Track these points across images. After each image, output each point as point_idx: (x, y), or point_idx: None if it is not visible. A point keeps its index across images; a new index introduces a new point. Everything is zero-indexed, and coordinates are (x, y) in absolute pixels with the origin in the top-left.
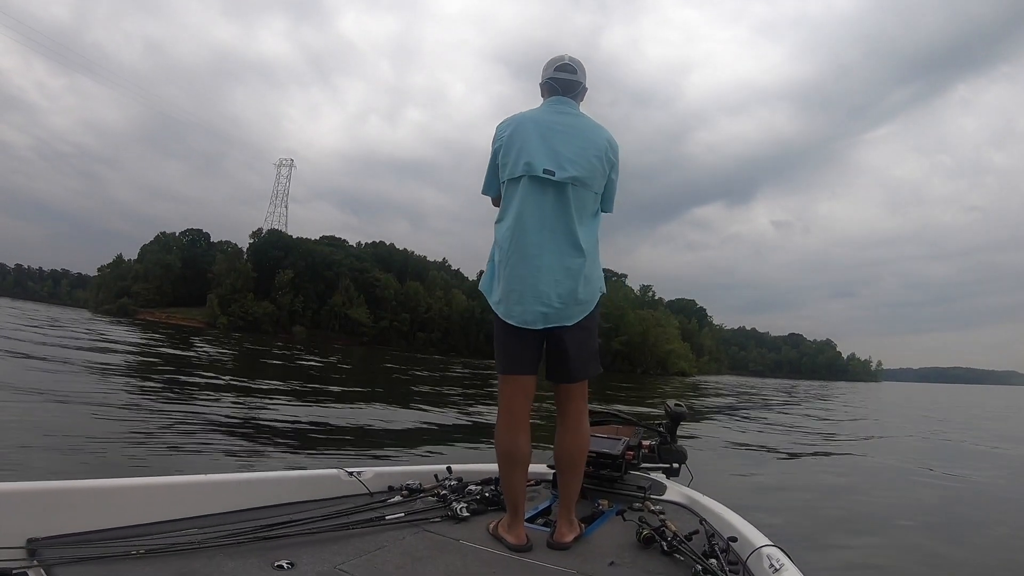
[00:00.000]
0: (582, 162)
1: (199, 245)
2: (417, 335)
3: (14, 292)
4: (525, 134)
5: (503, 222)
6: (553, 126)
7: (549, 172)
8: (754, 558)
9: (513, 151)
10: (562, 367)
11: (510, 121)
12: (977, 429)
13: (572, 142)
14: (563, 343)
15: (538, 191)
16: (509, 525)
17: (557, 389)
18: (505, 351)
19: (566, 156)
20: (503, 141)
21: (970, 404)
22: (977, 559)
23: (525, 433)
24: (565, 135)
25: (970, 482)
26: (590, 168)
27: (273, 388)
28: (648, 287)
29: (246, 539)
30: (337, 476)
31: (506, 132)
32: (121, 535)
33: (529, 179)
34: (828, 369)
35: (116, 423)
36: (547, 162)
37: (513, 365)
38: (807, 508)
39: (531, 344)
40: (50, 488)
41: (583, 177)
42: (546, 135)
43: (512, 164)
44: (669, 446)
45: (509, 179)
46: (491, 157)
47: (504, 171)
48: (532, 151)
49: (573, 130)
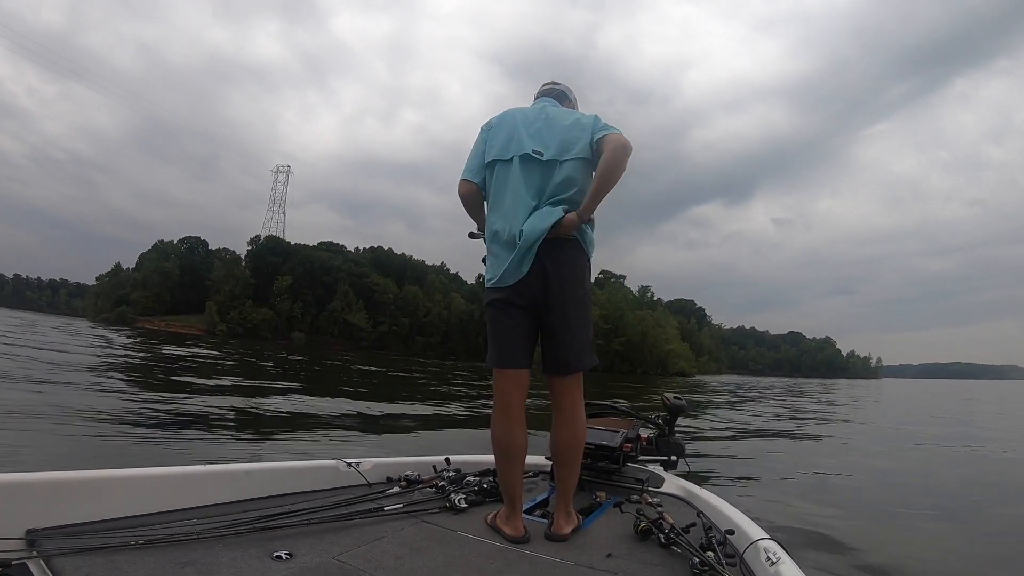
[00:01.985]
0: (566, 138)
1: (197, 252)
2: (416, 339)
3: (12, 302)
4: (512, 123)
5: (490, 199)
6: (538, 115)
7: (538, 152)
8: (751, 551)
9: (501, 136)
10: (555, 358)
11: (498, 115)
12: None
13: (554, 124)
14: (554, 330)
15: (529, 169)
16: (507, 517)
17: (551, 382)
18: (497, 342)
19: (550, 136)
20: (492, 127)
21: (976, 399)
22: (977, 551)
23: (520, 426)
24: (548, 119)
25: (979, 473)
26: (574, 142)
27: (271, 384)
28: (647, 287)
29: (245, 529)
30: (336, 467)
31: (494, 120)
32: (120, 526)
33: (520, 159)
34: (827, 367)
35: (115, 417)
36: (535, 144)
37: (504, 358)
38: (805, 502)
39: (521, 331)
40: (49, 479)
41: (569, 150)
42: (531, 122)
43: (500, 147)
44: (667, 439)
45: (498, 160)
46: (477, 142)
47: (492, 152)
48: (520, 136)
49: (556, 116)
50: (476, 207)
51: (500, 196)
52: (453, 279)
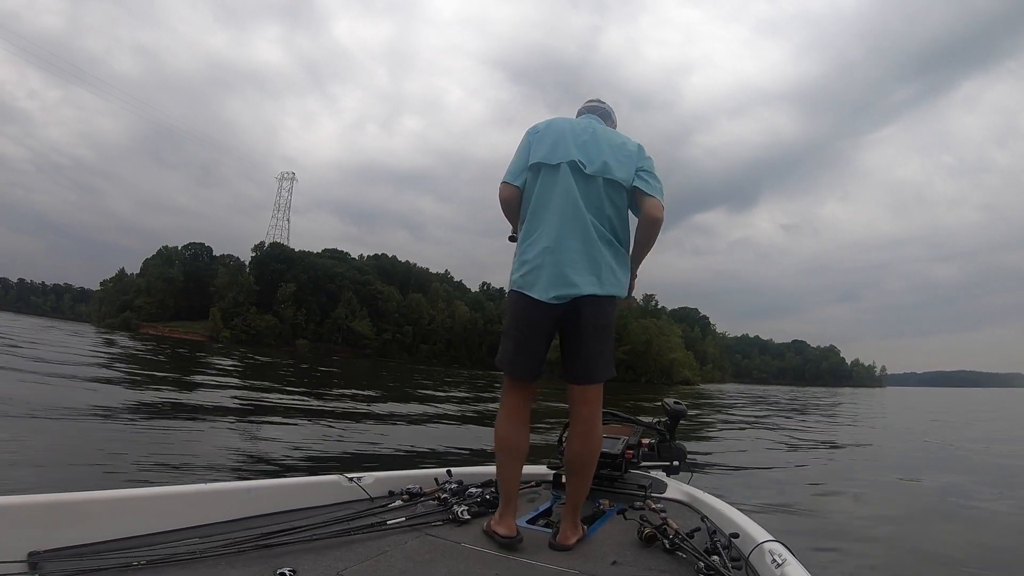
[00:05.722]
0: (610, 158)
1: (201, 259)
2: (420, 347)
3: (17, 307)
4: (560, 130)
5: (531, 203)
6: (585, 128)
7: (581, 164)
8: (756, 554)
9: (547, 141)
10: (575, 366)
11: (545, 121)
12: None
13: (600, 140)
14: (577, 341)
15: (568, 179)
16: (500, 516)
17: (570, 390)
18: (513, 342)
19: (595, 152)
20: (539, 132)
21: (981, 407)
22: (978, 558)
23: (525, 428)
24: (595, 134)
25: (977, 483)
26: (618, 164)
27: (272, 397)
28: (651, 296)
29: (247, 547)
30: (337, 482)
31: (541, 126)
32: (122, 546)
33: (567, 166)
34: (831, 375)
35: (114, 435)
36: (580, 155)
37: (518, 367)
38: (808, 504)
39: (539, 337)
40: (50, 501)
41: (612, 170)
42: (579, 134)
43: (547, 151)
44: (669, 444)
45: (544, 164)
46: (521, 146)
47: (537, 155)
48: (566, 144)
49: (603, 132)
50: (517, 211)
51: (544, 201)
52: (457, 287)
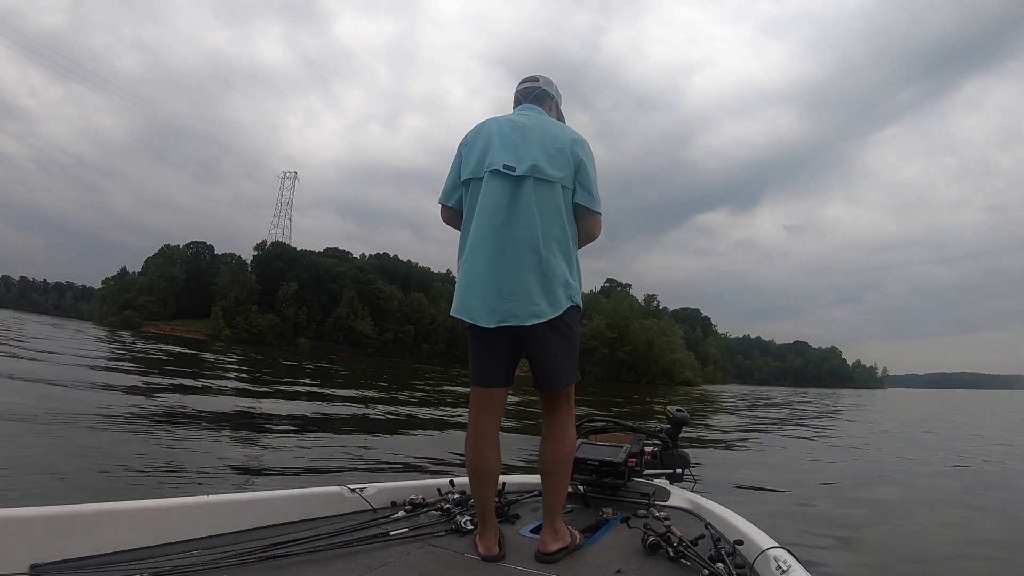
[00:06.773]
0: (541, 155)
1: (203, 257)
2: (422, 346)
3: (19, 304)
4: (488, 135)
5: (465, 223)
6: (514, 124)
7: (509, 168)
8: (761, 560)
9: (476, 152)
10: (538, 375)
11: (474, 128)
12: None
13: (531, 136)
14: (535, 351)
15: (499, 187)
16: (480, 536)
17: (541, 396)
18: (475, 359)
19: (525, 150)
20: (468, 143)
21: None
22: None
23: (492, 449)
24: (524, 130)
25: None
26: (550, 160)
27: (272, 404)
28: (653, 296)
29: (250, 559)
30: (340, 493)
31: (470, 135)
32: (125, 559)
33: (490, 175)
34: (833, 376)
35: (115, 445)
36: (507, 158)
37: (481, 376)
38: (814, 510)
39: (500, 352)
40: (52, 513)
41: (543, 168)
42: (506, 134)
43: (475, 164)
44: (671, 451)
45: (472, 178)
46: (454, 161)
47: (466, 171)
48: (494, 149)
49: (535, 125)
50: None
51: (469, 219)
52: None
